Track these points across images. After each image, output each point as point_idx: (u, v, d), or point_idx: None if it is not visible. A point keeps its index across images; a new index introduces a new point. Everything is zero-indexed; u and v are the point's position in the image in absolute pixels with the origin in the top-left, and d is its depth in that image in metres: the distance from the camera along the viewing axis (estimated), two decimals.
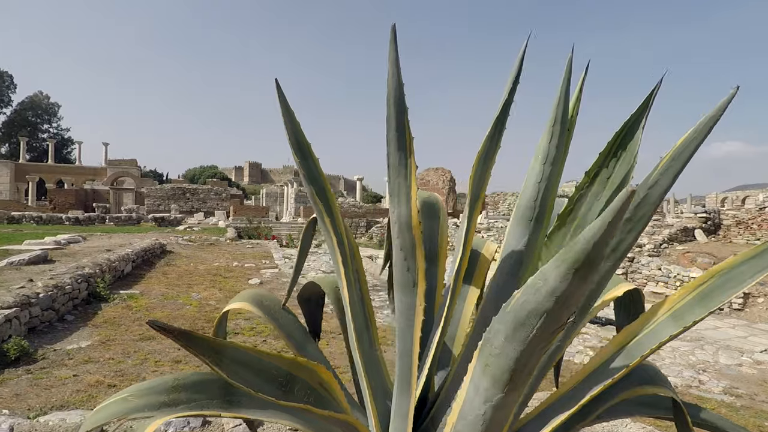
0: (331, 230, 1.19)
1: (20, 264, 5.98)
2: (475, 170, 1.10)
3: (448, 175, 23.68)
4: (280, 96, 1.02)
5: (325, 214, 1.18)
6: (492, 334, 0.75)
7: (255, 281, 7.73)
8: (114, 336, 4.30)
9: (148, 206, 26.38)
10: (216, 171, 71.82)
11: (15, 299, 4.00)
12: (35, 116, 51.81)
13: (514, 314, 0.66)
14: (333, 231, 1.19)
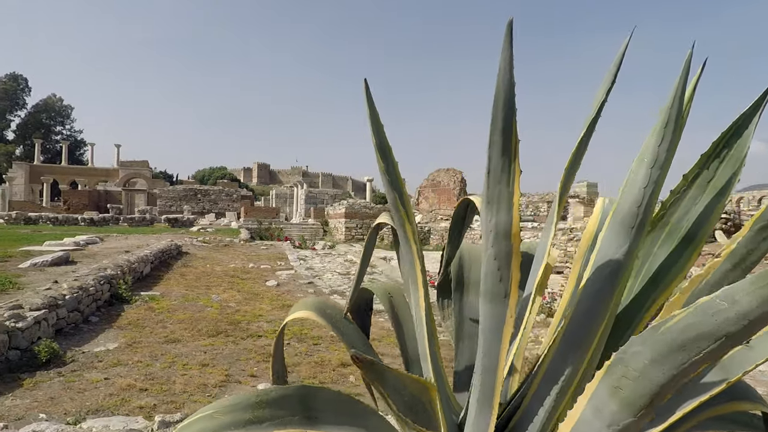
0: (411, 238, 1.14)
1: (43, 265, 6.01)
2: (565, 176, 1.04)
3: (459, 175, 23.57)
4: (367, 97, 0.97)
5: (407, 221, 1.13)
6: (629, 355, 0.69)
7: (272, 283, 7.71)
8: (139, 338, 4.29)
9: (160, 207, 26.57)
10: (225, 172, 72.31)
11: (43, 301, 4.00)
12: (49, 118, 52.50)
13: (671, 336, 0.61)
14: (413, 239, 1.14)
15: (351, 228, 20.79)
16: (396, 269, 10.26)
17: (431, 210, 23.90)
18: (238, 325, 5.03)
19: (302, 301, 1.53)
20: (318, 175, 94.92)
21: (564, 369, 1.10)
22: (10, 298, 4.17)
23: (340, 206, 21.81)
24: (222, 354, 4.03)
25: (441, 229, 20.10)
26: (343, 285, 8.29)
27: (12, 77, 49.88)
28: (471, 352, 1.61)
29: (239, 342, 4.46)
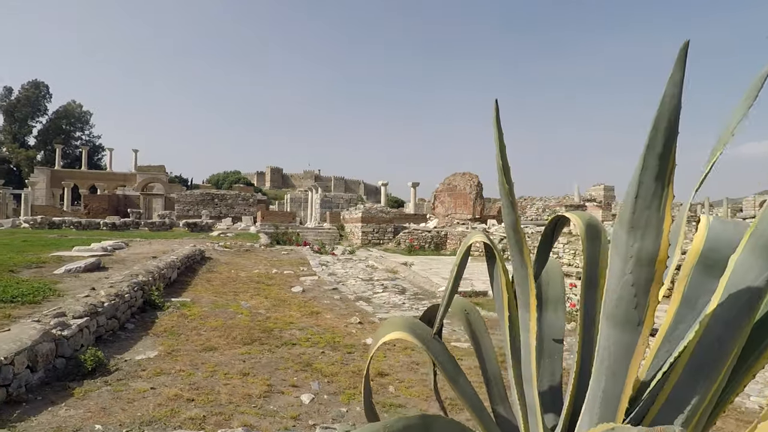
0: (527, 262, 1.11)
1: (77, 271, 6.08)
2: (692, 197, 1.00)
3: (476, 179, 23.44)
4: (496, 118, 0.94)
5: (524, 244, 1.10)
6: None
7: (297, 289, 7.72)
8: (177, 346, 4.30)
9: (178, 211, 26.88)
10: (239, 176, 72.98)
11: (84, 309, 4.04)
12: (69, 124, 53.67)
13: None
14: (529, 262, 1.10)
15: (367, 232, 20.79)
16: (418, 275, 10.23)
17: (447, 214, 23.79)
18: (271, 333, 5.03)
19: (390, 322, 1.50)
20: (330, 179, 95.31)
21: (690, 398, 1.05)
22: (52, 305, 4.22)
23: (357, 211, 21.83)
24: (260, 363, 4.03)
25: (458, 233, 19.97)
26: (367, 291, 8.27)
27: (34, 84, 51.09)
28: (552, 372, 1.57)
29: (275, 350, 4.45)
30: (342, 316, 6.28)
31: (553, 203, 25.77)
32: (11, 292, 4.37)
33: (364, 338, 5.27)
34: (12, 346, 2.94)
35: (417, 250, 18.21)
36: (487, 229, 19.84)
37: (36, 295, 4.40)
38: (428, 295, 8.39)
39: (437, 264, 13.36)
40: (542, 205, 26.00)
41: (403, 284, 9.11)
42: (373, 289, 8.44)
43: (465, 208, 23.15)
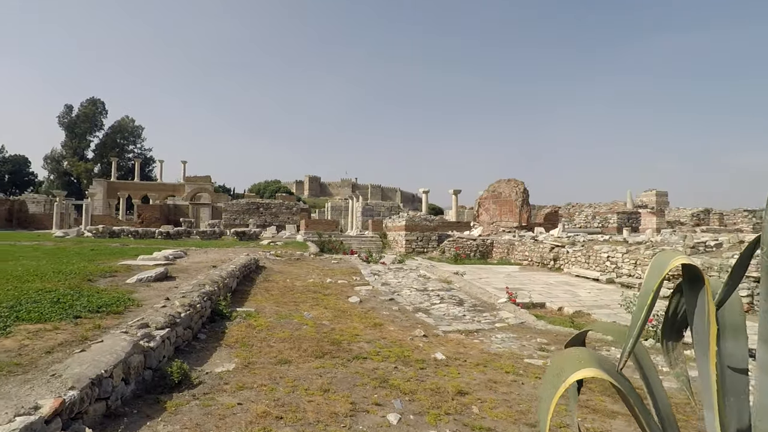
0: None
1: (148, 281, 6.25)
2: None
3: (521, 186, 22.84)
4: None
5: None
6: None
7: (354, 299, 7.64)
8: (251, 358, 4.28)
9: (225, 220, 27.67)
10: (279, 185, 74.61)
11: (165, 320, 4.08)
12: (122, 138, 56.62)
13: None
14: None
15: (411, 241, 20.61)
16: (473, 285, 9.95)
17: (492, 222, 23.27)
18: (339, 346, 4.95)
19: (572, 356, 1.33)
20: (367, 187, 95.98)
21: None
22: (134, 315, 4.30)
23: (400, 219, 21.71)
24: (336, 378, 3.93)
25: (504, 242, 19.47)
26: (424, 302, 8.09)
27: (91, 102, 54.33)
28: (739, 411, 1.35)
29: (347, 365, 4.36)
30: (405, 329, 6.13)
31: (604, 210, 24.71)
32: (96, 302, 4.50)
33: (432, 353, 5.10)
34: (109, 358, 2.96)
35: (463, 259, 17.86)
36: (536, 237, 19.23)
37: (118, 306, 4.50)
38: (488, 306, 8.12)
39: (486, 274, 13.01)
40: (591, 212, 24.96)
41: (459, 295, 8.87)
42: (430, 300, 8.25)
43: (511, 216, 22.58)
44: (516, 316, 7.44)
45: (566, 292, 10.54)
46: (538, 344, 5.84)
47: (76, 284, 5.68)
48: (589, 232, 24.03)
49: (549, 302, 9.00)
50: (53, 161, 54.24)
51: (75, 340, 3.35)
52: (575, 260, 15.01)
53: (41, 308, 4.11)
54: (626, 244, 14.35)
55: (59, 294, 4.78)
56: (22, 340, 3.23)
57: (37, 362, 2.84)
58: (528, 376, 4.49)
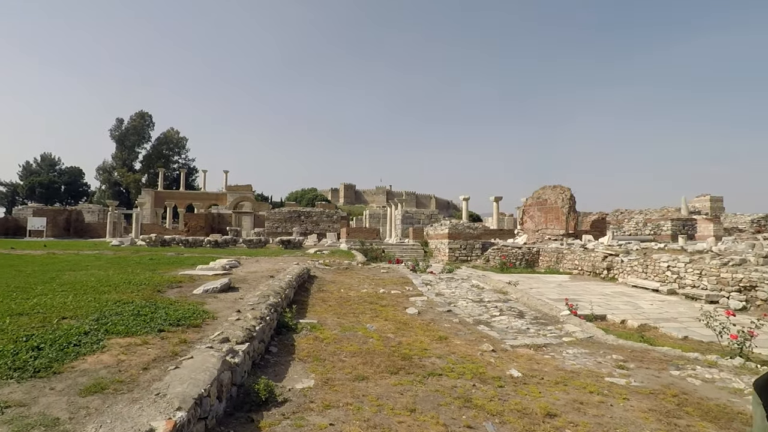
0: None
1: (214, 291, 6.33)
2: None
3: (568, 193, 22.10)
4: None
5: None
6: None
7: (412, 311, 7.49)
8: (327, 373, 4.21)
9: (268, 228, 28.20)
10: (316, 193, 75.64)
11: (244, 334, 4.07)
12: (168, 149, 58.93)
13: None
14: None
15: (454, 249, 20.28)
16: (532, 296, 9.60)
17: (537, 230, 22.63)
18: (411, 361, 4.82)
19: None
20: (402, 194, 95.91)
21: None
22: (211, 328, 4.32)
23: (443, 227, 21.44)
24: (418, 397, 3.80)
25: (551, 250, 18.85)
26: (483, 314, 7.86)
27: (140, 115, 56.95)
28: None
29: (424, 382, 4.22)
30: (471, 342, 5.94)
31: (656, 216, 23.55)
32: (174, 315, 4.56)
33: (506, 369, 4.90)
34: (203, 376, 2.94)
35: (510, 268, 17.40)
36: (585, 245, 18.53)
37: (195, 319, 4.55)
38: (550, 319, 7.80)
39: (536, 283, 12.58)
40: (642, 218, 23.84)
41: (518, 306, 8.57)
42: (489, 312, 8.00)
43: (557, 223, 21.88)
44: (583, 329, 7.10)
45: (626, 303, 10.03)
46: (615, 361, 5.52)
47: (148, 295, 5.81)
48: (641, 240, 22.96)
49: (610, 314, 8.58)
50: (104, 172, 57.09)
51: (166, 355, 3.36)
52: (631, 270, 14.31)
53: (125, 321, 4.18)
54: (687, 253, 13.55)
55: (137, 306, 4.88)
56: (117, 355, 3.27)
57: (137, 379, 2.84)
58: (615, 397, 4.22)
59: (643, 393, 4.35)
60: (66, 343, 3.40)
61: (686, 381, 4.78)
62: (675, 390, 4.44)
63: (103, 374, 2.88)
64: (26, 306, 4.73)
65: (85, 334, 3.69)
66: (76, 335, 3.62)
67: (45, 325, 4.00)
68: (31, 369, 2.83)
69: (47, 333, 3.67)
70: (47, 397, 2.49)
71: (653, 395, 4.31)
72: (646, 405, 4.05)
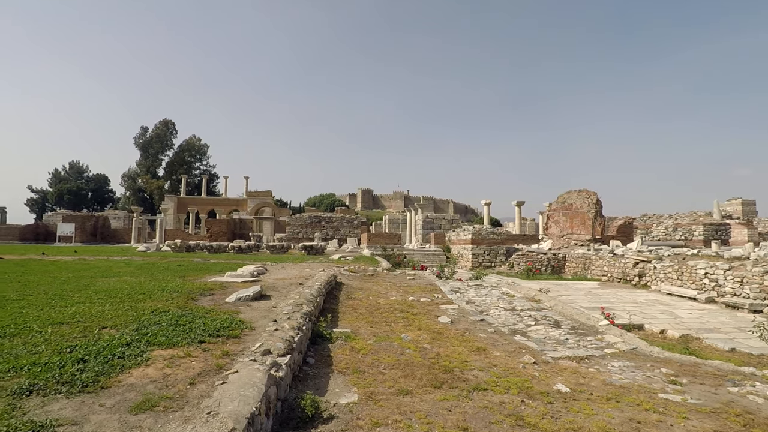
0: None
1: (246, 300, 6.26)
2: None
3: (594, 197, 21.58)
4: None
5: None
6: None
7: (445, 320, 7.31)
8: (369, 387, 4.06)
9: (289, 234, 28.30)
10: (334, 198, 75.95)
11: (284, 345, 3.97)
12: (190, 156, 59.93)
13: None
14: None
15: (478, 255, 19.98)
16: (566, 305, 9.31)
17: (562, 235, 22.15)
18: (453, 374, 4.64)
19: None
20: (419, 199, 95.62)
21: None
22: (250, 339, 4.23)
23: (466, 232, 21.16)
24: (468, 414, 3.62)
25: (578, 256, 18.40)
26: (518, 323, 7.62)
27: (164, 123, 58.11)
28: None
29: (471, 397, 4.04)
30: (510, 354, 5.73)
31: (687, 221, 22.76)
32: (213, 326, 4.49)
33: (552, 383, 4.68)
34: (252, 392, 2.83)
35: (536, 275, 17.02)
36: (613, 251, 18.04)
37: (234, 329, 4.46)
38: (588, 329, 7.52)
39: (565, 290, 12.23)
40: (672, 223, 23.09)
41: (552, 315, 8.30)
42: (523, 321, 7.76)
43: (583, 228, 21.37)
44: (624, 340, 6.82)
45: (663, 312, 9.65)
46: (665, 375, 5.25)
47: (183, 303, 5.77)
48: (672, 245, 22.23)
49: (648, 324, 8.24)
50: (129, 179, 58.35)
51: (211, 369, 3.27)
52: (665, 277, 13.81)
53: (165, 332, 4.12)
54: (724, 260, 13.02)
55: (174, 315, 4.83)
56: (162, 368, 3.19)
57: (186, 395, 2.75)
58: (673, 416, 3.98)
59: (703, 412, 4.09)
60: (110, 355, 3.34)
61: (747, 398, 4.49)
62: (737, 409, 4.16)
63: (150, 389, 2.80)
64: (66, 314, 4.73)
65: (127, 345, 3.63)
66: (118, 346, 3.56)
67: (86, 335, 3.96)
68: (78, 383, 2.76)
69: (90, 344, 3.62)
70: (98, 414, 2.41)
71: (714, 414, 4.05)
72: (709, 425, 3.80)
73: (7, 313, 4.79)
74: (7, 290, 6.48)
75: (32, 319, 4.52)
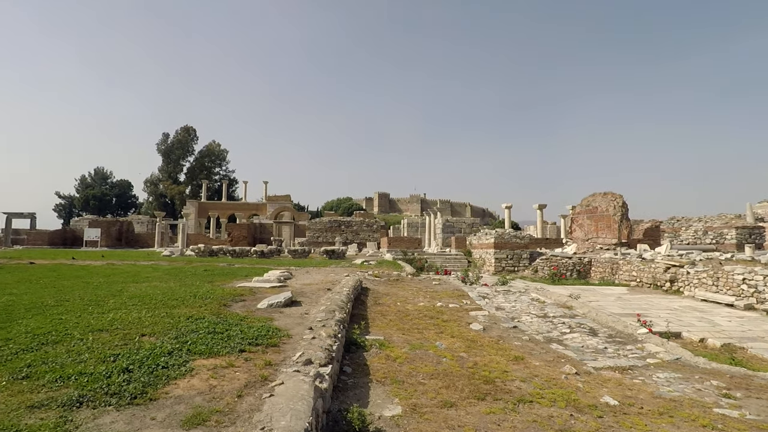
0: None
1: (278, 306, 6.21)
2: None
3: (620, 200, 21.07)
4: None
5: None
6: None
7: (477, 327, 7.14)
8: (411, 398, 3.94)
9: (309, 238, 28.39)
10: (352, 202, 76.05)
11: (325, 355, 3.88)
12: (210, 162, 60.78)
13: None
14: None
15: (501, 259, 19.68)
16: (601, 311, 9.03)
17: (587, 239, 21.68)
18: (494, 385, 4.49)
19: None
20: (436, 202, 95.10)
21: None
22: (289, 348, 4.16)
23: (488, 236, 20.88)
24: (518, 429, 3.48)
25: (605, 260, 17.95)
26: (552, 331, 7.41)
27: (185, 129, 59.11)
28: None
29: (517, 410, 3.88)
30: (550, 363, 5.55)
31: (718, 224, 22.03)
32: (250, 333, 4.43)
33: (598, 396, 4.49)
34: (302, 406, 2.74)
35: (562, 279, 16.67)
36: (641, 255, 17.55)
37: (271, 337, 4.40)
38: (627, 338, 7.26)
39: (594, 296, 11.89)
40: (702, 226, 22.39)
41: (587, 323, 8.06)
42: (557, 329, 7.54)
43: (608, 232, 20.88)
44: (667, 350, 6.55)
45: (700, 319, 9.28)
46: (717, 388, 5.00)
47: (216, 310, 5.74)
48: (702, 249, 21.58)
49: (686, 332, 7.93)
50: (151, 185, 59.43)
51: (256, 380, 3.20)
52: (699, 282, 13.34)
53: (204, 340, 4.08)
54: (762, 264, 12.53)
55: (210, 323, 4.80)
56: (207, 379, 3.13)
57: (235, 409, 2.68)
58: None
59: (765, 429, 3.86)
60: (153, 364, 3.30)
61: None
62: None
63: (199, 402, 2.73)
64: (104, 321, 4.73)
65: (168, 354, 3.59)
66: (161, 355, 3.52)
67: (127, 343, 3.94)
68: (127, 395, 2.71)
69: (132, 352, 3.59)
70: (150, 429, 2.35)
71: None
72: None
73: (47, 319, 4.82)
74: (44, 296, 6.57)
75: (72, 326, 4.53)
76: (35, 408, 2.56)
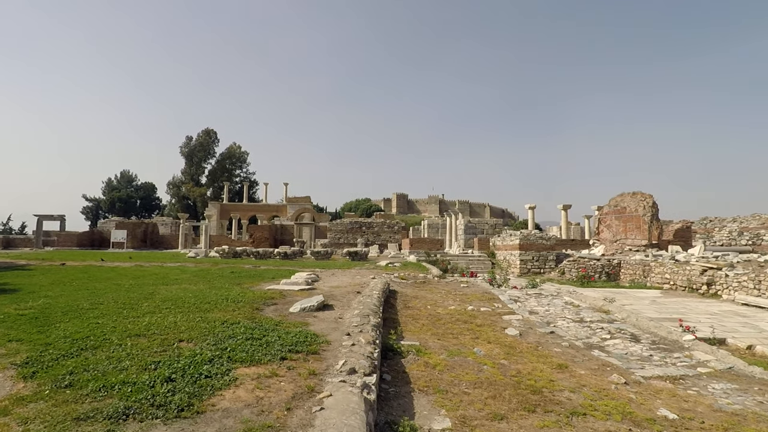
0: None
1: (311, 310, 6.10)
2: None
3: (650, 200, 20.43)
4: None
5: None
6: None
7: (512, 332, 6.90)
8: (458, 409, 3.76)
9: (330, 239, 28.38)
10: (371, 203, 75.96)
11: (368, 363, 3.73)
12: (231, 164, 61.51)
13: None
14: None
15: (526, 261, 19.28)
16: (640, 316, 8.67)
17: (615, 240, 21.09)
18: (542, 395, 4.27)
19: None
20: (454, 203, 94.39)
21: None
22: (329, 355, 4.02)
23: (512, 237, 20.49)
24: None
25: (635, 262, 17.39)
26: (591, 336, 7.12)
27: (206, 132, 59.97)
28: None
29: (572, 423, 3.66)
30: (595, 372, 5.29)
31: (754, 224, 21.18)
32: (288, 339, 4.32)
33: (654, 408, 4.23)
34: (354, 420, 2.59)
35: (591, 282, 16.21)
36: (674, 257, 16.96)
37: (310, 344, 4.27)
38: (672, 344, 6.93)
39: (626, 299, 11.47)
40: (737, 227, 21.56)
41: (626, 328, 7.73)
42: (596, 334, 7.24)
43: (638, 233, 20.27)
44: (718, 358, 6.20)
45: (744, 325, 8.83)
46: None
47: (249, 314, 5.66)
48: (739, 250, 20.74)
49: (730, 338, 7.52)
50: (174, 187, 60.44)
51: (303, 392, 3.06)
52: (738, 285, 12.77)
53: (243, 346, 3.98)
54: None
55: (246, 328, 4.70)
56: (252, 390, 3.01)
57: (286, 423, 2.54)
58: None
59: None
60: (196, 373, 3.19)
61: None
62: None
63: (247, 415, 2.61)
64: (140, 326, 4.68)
65: (209, 362, 3.49)
66: (202, 363, 3.42)
67: (166, 349, 3.86)
68: (173, 407, 2.61)
69: (172, 360, 3.50)
70: None
71: None
72: None
73: (84, 323, 4.80)
74: (78, 299, 6.59)
75: (109, 331, 4.48)
76: (81, 420, 2.47)
